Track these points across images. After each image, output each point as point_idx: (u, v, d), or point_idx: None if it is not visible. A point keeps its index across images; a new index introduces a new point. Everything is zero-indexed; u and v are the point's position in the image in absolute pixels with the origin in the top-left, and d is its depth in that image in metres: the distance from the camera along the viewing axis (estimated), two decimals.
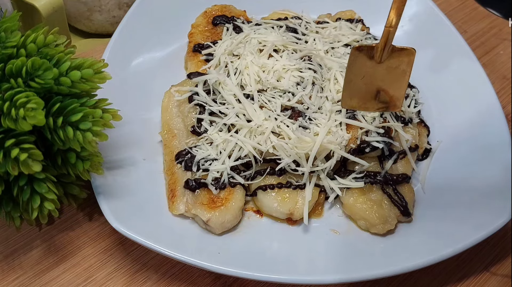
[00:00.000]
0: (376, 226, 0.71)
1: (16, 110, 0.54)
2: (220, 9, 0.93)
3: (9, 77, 0.58)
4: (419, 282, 0.72)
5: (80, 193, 0.71)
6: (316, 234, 0.73)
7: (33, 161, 0.56)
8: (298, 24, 0.91)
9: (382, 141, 0.74)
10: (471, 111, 0.83)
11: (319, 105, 0.77)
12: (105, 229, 0.74)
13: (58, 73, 0.58)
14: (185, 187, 0.72)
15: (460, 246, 0.67)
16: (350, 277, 0.65)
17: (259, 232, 0.73)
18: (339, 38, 0.88)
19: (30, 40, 0.60)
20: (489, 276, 0.73)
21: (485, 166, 0.76)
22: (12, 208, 0.65)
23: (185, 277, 0.71)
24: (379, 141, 0.74)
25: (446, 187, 0.76)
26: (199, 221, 0.71)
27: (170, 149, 0.76)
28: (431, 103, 0.87)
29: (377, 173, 0.74)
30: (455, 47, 0.89)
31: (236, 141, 0.73)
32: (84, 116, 0.58)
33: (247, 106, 0.74)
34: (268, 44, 0.82)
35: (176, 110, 0.79)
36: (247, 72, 0.79)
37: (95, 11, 0.99)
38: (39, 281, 0.69)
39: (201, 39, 0.89)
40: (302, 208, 0.71)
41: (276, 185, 0.72)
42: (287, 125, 0.73)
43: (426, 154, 0.82)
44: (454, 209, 0.73)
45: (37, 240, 0.73)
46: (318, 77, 0.80)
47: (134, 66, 0.86)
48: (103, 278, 0.70)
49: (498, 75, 1.00)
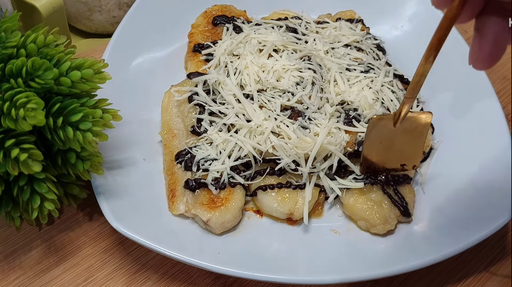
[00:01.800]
0: (376, 226, 0.71)
1: (16, 110, 0.54)
2: (220, 9, 0.93)
3: (9, 77, 0.58)
4: (419, 282, 0.72)
5: (80, 193, 0.71)
6: (316, 234, 0.73)
7: (33, 161, 0.56)
8: (298, 24, 0.91)
9: None
10: (471, 111, 0.83)
11: (318, 106, 0.77)
12: (105, 229, 0.74)
13: (58, 73, 0.58)
14: (185, 187, 0.72)
15: (460, 246, 0.67)
16: (350, 277, 0.65)
17: (259, 232, 0.73)
18: (339, 38, 0.88)
19: (30, 40, 0.60)
20: (489, 276, 0.73)
21: (485, 165, 0.76)
22: (12, 208, 0.64)
23: (185, 277, 0.71)
24: None
25: (446, 187, 0.76)
26: (199, 221, 0.71)
27: (170, 149, 0.76)
28: (431, 103, 0.87)
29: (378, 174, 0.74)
30: (455, 47, 0.89)
31: (236, 141, 0.73)
32: (84, 116, 0.58)
33: (246, 106, 0.74)
34: (268, 44, 0.82)
35: (176, 110, 0.79)
36: (247, 72, 0.79)
37: (95, 11, 0.99)
38: (39, 281, 0.69)
39: (201, 39, 0.89)
40: (302, 208, 0.71)
41: (276, 185, 0.72)
42: (286, 125, 0.73)
43: (426, 154, 0.82)
44: (454, 209, 0.73)
45: (37, 240, 0.73)
46: (318, 77, 0.80)
47: (134, 66, 0.86)
48: (103, 278, 0.70)
49: (498, 75, 1.00)
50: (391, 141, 0.71)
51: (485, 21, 0.47)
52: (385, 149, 0.72)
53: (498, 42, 0.47)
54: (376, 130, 0.70)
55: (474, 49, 0.49)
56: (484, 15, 0.47)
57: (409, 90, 0.61)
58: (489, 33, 0.47)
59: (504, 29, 0.47)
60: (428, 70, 0.57)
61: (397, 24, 0.99)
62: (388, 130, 0.69)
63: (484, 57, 0.48)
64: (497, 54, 0.48)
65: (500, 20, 0.47)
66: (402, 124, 0.68)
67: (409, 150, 0.72)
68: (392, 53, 0.92)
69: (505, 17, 0.47)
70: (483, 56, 0.48)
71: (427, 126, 0.70)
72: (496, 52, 0.48)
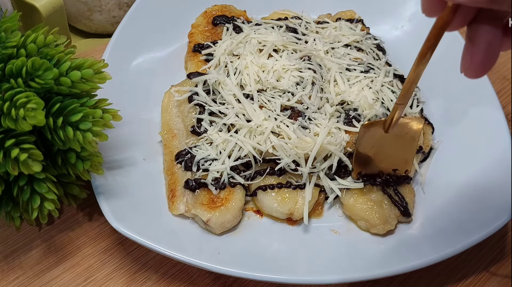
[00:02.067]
0: (376, 226, 0.71)
1: (16, 110, 0.54)
2: (220, 9, 0.93)
3: (9, 77, 0.58)
4: (419, 282, 0.72)
5: (80, 193, 0.71)
6: (316, 234, 0.73)
7: (33, 161, 0.56)
8: (298, 24, 0.91)
9: None
10: (471, 111, 0.83)
11: (318, 106, 0.77)
12: (105, 229, 0.74)
13: (58, 73, 0.58)
14: (185, 187, 0.72)
15: (460, 246, 0.67)
16: (350, 277, 0.65)
17: (259, 232, 0.73)
18: (339, 38, 0.88)
19: (30, 40, 0.60)
20: (489, 276, 0.73)
21: (485, 165, 0.76)
22: (12, 208, 0.64)
23: (185, 277, 0.71)
24: None
25: (446, 187, 0.76)
26: (199, 221, 0.71)
27: (170, 149, 0.76)
28: (431, 103, 0.87)
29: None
30: (455, 47, 0.89)
31: (236, 141, 0.73)
32: (84, 116, 0.58)
33: (246, 106, 0.74)
34: (268, 44, 0.82)
35: (176, 110, 0.79)
36: (247, 72, 0.79)
37: (95, 11, 0.99)
38: (39, 281, 0.69)
39: (201, 39, 0.89)
40: (302, 208, 0.71)
41: (276, 185, 0.72)
42: (286, 125, 0.73)
43: (426, 154, 0.82)
44: (454, 209, 0.73)
45: (37, 240, 0.73)
46: (318, 77, 0.80)
47: (134, 66, 0.86)
48: (103, 278, 0.70)
49: (498, 75, 1.00)
50: (382, 147, 0.71)
51: (477, 29, 0.47)
52: (377, 154, 0.72)
53: (490, 51, 0.47)
54: (367, 136, 0.70)
55: (466, 57, 0.48)
56: (476, 23, 0.47)
57: (400, 97, 0.61)
58: (481, 42, 0.47)
59: (496, 37, 0.47)
60: (419, 77, 0.57)
61: (397, 24, 0.99)
62: (379, 136, 0.69)
63: (476, 66, 0.48)
64: (489, 63, 0.48)
65: (493, 28, 0.46)
66: (394, 130, 0.68)
67: (401, 155, 0.72)
68: (392, 53, 0.92)
69: (497, 25, 0.46)
70: (475, 65, 0.48)
71: (419, 132, 0.70)
72: (488, 60, 0.47)
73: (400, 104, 0.63)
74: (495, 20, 0.46)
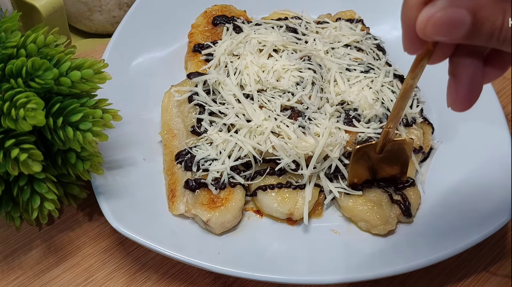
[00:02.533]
0: (377, 227, 0.71)
1: (16, 110, 0.54)
2: (220, 9, 0.93)
3: (9, 77, 0.58)
4: (419, 282, 0.72)
5: (80, 193, 0.71)
6: (316, 234, 0.73)
7: (33, 161, 0.56)
8: (298, 24, 0.90)
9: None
10: (471, 112, 0.83)
11: (318, 106, 0.77)
12: (105, 229, 0.74)
13: (58, 74, 0.58)
14: (185, 187, 0.72)
15: (460, 246, 0.67)
16: (350, 277, 0.65)
17: (259, 232, 0.72)
18: (339, 38, 0.88)
19: (30, 40, 0.60)
20: (489, 276, 0.73)
21: (485, 165, 0.76)
22: (12, 208, 0.64)
23: (185, 277, 0.71)
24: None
25: (446, 187, 0.76)
26: (199, 221, 0.71)
27: (170, 149, 0.76)
28: (431, 103, 0.87)
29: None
30: None
31: (236, 142, 0.73)
32: (84, 116, 0.58)
33: (246, 106, 0.74)
34: (268, 44, 0.82)
35: (176, 110, 0.79)
36: (247, 72, 0.79)
37: (95, 11, 0.99)
38: (39, 281, 0.69)
39: (201, 39, 0.89)
40: (302, 208, 0.71)
41: (276, 185, 0.72)
42: (287, 126, 0.73)
43: (426, 154, 0.82)
44: (454, 209, 0.73)
45: (37, 240, 0.73)
46: (318, 77, 0.80)
47: (134, 66, 0.86)
48: (103, 278, 0.70)
49: None
50: (375, 165, 0.72)
51: (458, 63, 0.47)
52: (371, 170, 0.73)
53: (473, 85, 0.47)
54: (360, 158, 0.71)
55: (451, 92, 0.49)
56: (457, 57, 0.47)
57: (389, 122, 0.64)
58: (464, 77, 0.47)
59: (478, 70, 0.47)
60: (406, 105, 0.60)
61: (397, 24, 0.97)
62: (372, 157, 0.71)
63: (462, 100, 0.48)
64: (474, 96, 0.48)
65: (473, 61, 0.46)
66: (386, 149, 0.70)
67: (395, 166, 0.73)
68: (392, 53, 0.92)
69: (478, 57, 0.46)
70: (461, 99, 0.48)
71: (410, 150, 0.72)
72: (473, 94, 0.47)
73: (389, 128, 0.65)
74: (475, 53, 0.46)
